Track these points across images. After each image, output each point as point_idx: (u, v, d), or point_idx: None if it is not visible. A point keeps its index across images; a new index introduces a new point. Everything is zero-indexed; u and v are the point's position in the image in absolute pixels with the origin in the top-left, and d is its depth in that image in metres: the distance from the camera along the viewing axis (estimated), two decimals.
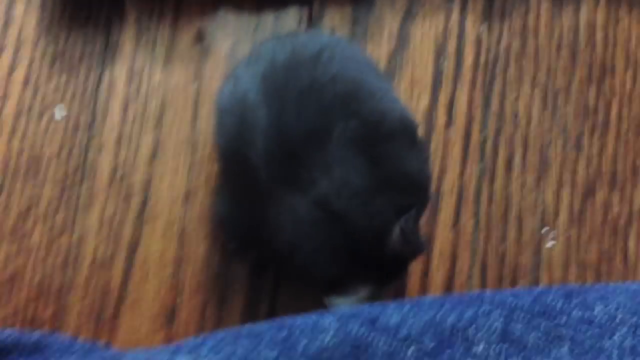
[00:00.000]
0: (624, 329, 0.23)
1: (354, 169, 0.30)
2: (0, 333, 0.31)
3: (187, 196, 0.38)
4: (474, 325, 0.24)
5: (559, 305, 0.24)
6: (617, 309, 0.24)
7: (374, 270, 0.30)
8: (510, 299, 0.25)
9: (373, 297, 0.31)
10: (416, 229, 0.31)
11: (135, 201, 0.37)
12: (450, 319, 0.24)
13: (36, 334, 0.32)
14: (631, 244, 0.40)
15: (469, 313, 0.24)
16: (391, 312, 0.25)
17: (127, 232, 0.37)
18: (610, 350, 0.23)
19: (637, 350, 0.23)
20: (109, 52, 0.39)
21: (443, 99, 0.41)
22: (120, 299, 0.36)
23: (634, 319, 0.24)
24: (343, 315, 0.25)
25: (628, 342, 0.23)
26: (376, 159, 0.30)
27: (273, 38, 0.34)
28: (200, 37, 0.40)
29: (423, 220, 0.38)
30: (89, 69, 0.38)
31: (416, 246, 0.30)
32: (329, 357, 0.23)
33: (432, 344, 0.24)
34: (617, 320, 0.24)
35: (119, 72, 0.39)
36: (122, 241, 0.37)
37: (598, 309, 0.24)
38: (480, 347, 0.24)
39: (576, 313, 0.24)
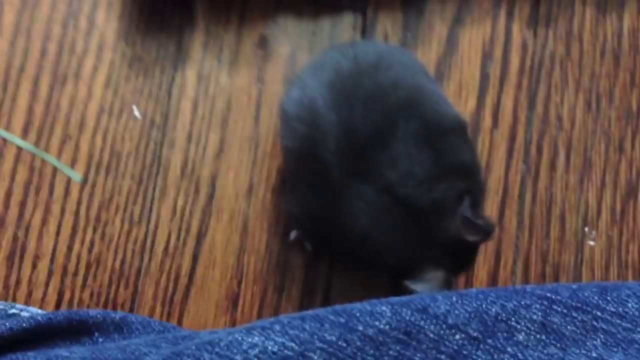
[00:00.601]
0: None
1: (417, 161, 0.31)
2: (88, 312, 0.34)
3: (250, 190, 0.38)
4: (515, 316, 0.24)
5: (595, 300, 0.25)
6: None
7: (444, 255, 0.31)
8: (549, 293, 0.25)
9: (447, 283, 0.31)
10: (479, 212, 0.32)
11: (203, 194, 0.38)
12: (494, 310, 0.24)
13: (118, 314, 0.32)
14: None
15: (511, 305, 0.25)
16: (440, 302, 0.25)
17: (195, 222, 0.38)
18: None
19: None
20: (180, 56, 0.40)
21: (489, 101, 0.40)
22: (189, 284, 0.37)
23: None
24: (396, 303, 0.25)
25: None
26: (435, 152, 0.32)
27: (335, 47, 0.35)
28: (262, 42, 0.40)
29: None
30: (163, 72, 0.39)
31: (482, 229, 0.30)
32: (384, 341, 0.24)
33: (476, 332, 0.24)
34: None
35: (189, 74, 0.39)
36: (191, 231, 0.37)
37: (630, 304, 0.25)
38: (521, 336, 0.24)
39: (610, 307, 0.25)
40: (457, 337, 0.24)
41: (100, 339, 0.32)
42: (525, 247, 0.39)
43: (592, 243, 0.39)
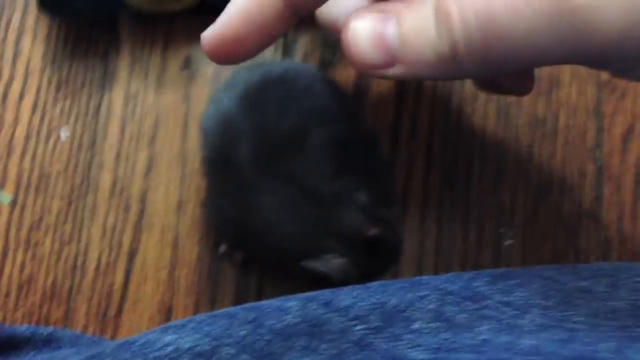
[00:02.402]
0: (536, 310, 0.26)
1: (324, 161, 0.32)
2: (17, 328, 0.34)
3: (180, 206, 0.39)
4: (412, 307, 0.26)
5: (484, 290, 0.26)
6: (532, 294, 0.27)
7: (344, 247, 0.32)
8: (444, 284, 0.27)
9: (343, 272, 0.32)
10: (378, 207, 0.33)
11: (134, 211, 0.38)
12: (392, 301, 0.26)
13: (49, 328, 0.32)
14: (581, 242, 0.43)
15: (408, 296, 0.26)
16: (343, 295, 0.26)
17: (127, 239, 0.38)
18: (524, 326, 0.25)
19: (545, 325, 0.25)
20: (107, 79, 0.40)
21: (406, 114, 0.42)
22: (122, 300, 0.37)
23: (545, 302, 0.26)
24: (303, 298, 0.26)
25: (538, 320, 0.25)
26: (343, 154, 0.34)
27: (245, 67, 0.37)
28: (187, 64, 0.41)
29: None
30: (90, 95, 0.39)
31: (377, 221, 0.31)
32: (292, 333, 0.25)
33: (377, 322, 0.26)
34: (531, 302, 0.26)
35: (116, 96, 0.40)
36: (122, 247, 0.38)
37: (516, 293, 0.26)
38: (417, 324, 0.26)
39: (497, 297, 0.26)
40: (360, 327, 0.26)
41: (31, 354, 0.32)
42: (445, 249, 0.40)
43: (508, 242, 0.41)
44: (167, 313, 0.38)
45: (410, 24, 0.25)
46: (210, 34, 0.27)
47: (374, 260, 0.34)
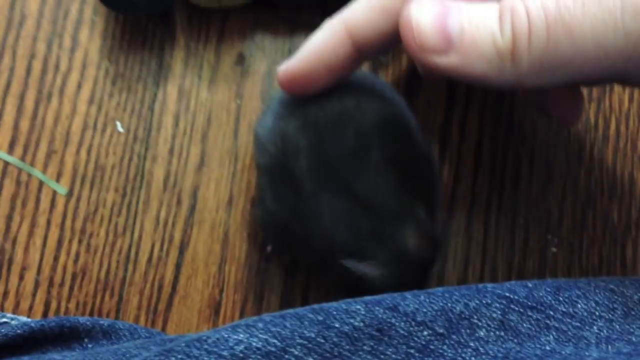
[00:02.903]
0: (601, 323, 0.26)
1: (385, 176, 0.33)
2: (79, 319, 0.34)
3: (230, 202, 0.39)
4: (477, 314, 0.26)
5: (548, 300, 0.26)
6: (595, 306, 0.26)
7: (390, 259, 0.32)
8: (508, 293, 0.26)
9: (382, 281, 0.32)
10: (440, 240, 0.33)
11: (185, 206, 0.39)
12: (458, 308, 0.26)
13: (107, 321, 0.33)
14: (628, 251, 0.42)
15: (473, 303, 0.26)
16: (409, 300, 0.26)
17: (178, 233, 0.38)
18: (589, 339, 0.25)
19: (611, 338, 0.25)
20: (162, 73, 0.40)
21: (457, 117, 0.42)
22: (172, 293, 0.37)
23: (608, 314, 0.26)
24: (369, 301, 0.26)
25: (604, 333, 0.25)
26: (402, 170, 0.34)
27: None
28: (240, 60, 0.41)
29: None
30: (145, 88, 0.40)
31: (428, 239, 0.31)
32: (358, 337, 0.25)
33: (442, 329, 0.25)
34: (595, 314, 0.26)
35: (171, 90, 0.40)
36: (174, 241, 0.38)
37: (580, 305, 0.26)
38: (482, 332, 0.25)
39: (562, 308, 0.26)
40: (425, 333, 0.26)
41: (90, 345, 0.32)
42: (492, 254, 0.40)
43: (554, 250, 0.40)
44: (215, 308, 0.38)
45: (473, 13, 0.26)
46: (286, 68, 0.30)
47: (410, 276, 0.34)
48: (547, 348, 0.25)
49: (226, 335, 0.25)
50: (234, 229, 0.39)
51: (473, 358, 0.25)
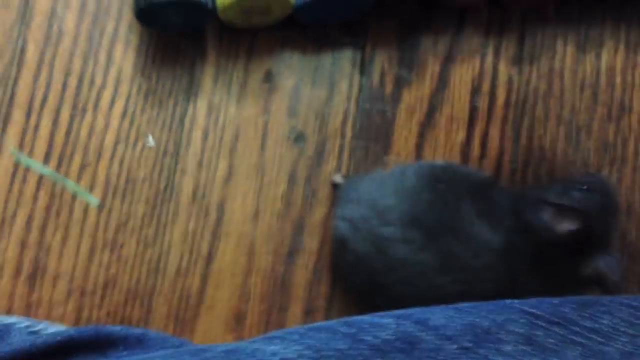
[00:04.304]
0: (624, 338, 0.26)
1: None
2: (113, 327, 0.34)
3: (256, 215, 0.39)
4: (503, 329, 0.26)
5: (573, 316, 0.26)
6: (619, 322, 0.26)
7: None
8: (533, 309, 0.27)
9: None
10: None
11: (213, 218, 0.39)
12: (485, 324, 0.26)
13: (139, 329, 0.33)
14: None
15: (499, 319, 0.26)
16: (438, 315, 0.26)
17: (205, 244, 0.38)
18: (612, 354, 0.25)
19: (634, 354, 0.25)
20: (192, 89, 0.40)
21: (478, 133, 0.41)
22: (199, 304, 0.37)
23: (631, 330, 0.26)
24: (399, 315, 0.27)
25: (627, 348, 0.25)
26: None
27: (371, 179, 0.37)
28: (268, 76, 0.41)
29: None
30: (176, 103, 0.40)
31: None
32: (388, 350, 0.25)
33: (469, 343, 0.26)
34: (620, 330, 0.26)
35: (201, 105, 0.40)
36: (201, 252, 0.38)
37: (604, 320, 0.26)
38: (509, 347, 0.25)
39: (586, 323, 0.26)
40: (453, 347, 0.26)
41: (124, 353, 0.32)
42: None
43: None
44: (240, 319, 0.38)
45: None
46: None
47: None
48: None
49: (262, 347, 0.25)
50: (260, 241, 0.39)
51: None
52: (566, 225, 0.33)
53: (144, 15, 0.38)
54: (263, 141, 0.40)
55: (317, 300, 0.38)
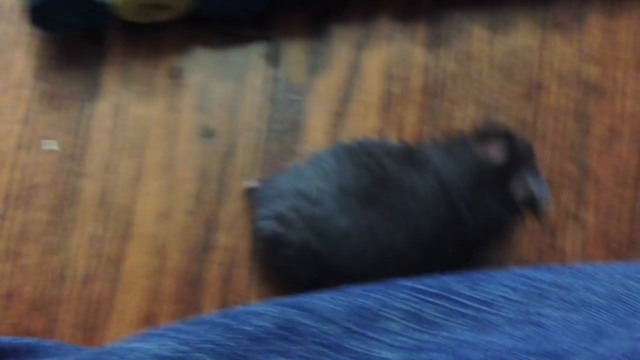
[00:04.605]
0: (511, 306, 0.25)
1: None
2: (2, 338, 0.32)
3: (167, 214, 0.37)
4: (388, 307, 0.25)
5: (461, 289, 0.26)
6: (507, 290, 0.26)
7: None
8: (419, 285, 0.26)
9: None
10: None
11: (121, 220, 0.37)
12: (368, 303, 0.25)
13: (30, 339, 0.31)
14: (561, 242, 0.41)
15: (383, 298, 0.26)
16: (323, 299, 0.26)
17: (113, 248, 0.37)
18: (498, 322, 0.25)
19: (517, 320, 0.25)
20: (96, 90, 0.39)
21: (393, 119, 0.40)
22: (108, 310, 0.36)
23: (520, 297, 0.25)
24: (279, 303, 0.26)
25: (513, 315, 0.25)
26: None
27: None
28: (175, 73, 0.40)
29: None
30: (80, 106, 0.38)
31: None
32: (266, 338, 0.25)
33: (352, 325, 0.25)
34: (508, 298, 0.26)
35: (105, 107, 0.39)
36: (109, 257, 0.37)
37: (493, 290, 0.26)
38: (394, 325, 0.25)
39: (474, 294, 0.26)
40: (338, 330, 0.25)
41: None
42: None
43: None
44: (152, 322, 0.36)
45: None
46: None
47: None
48: (456, 336, 0.24)
49: (136, 345, 0.24)
50: (172, 240, 0.38)
51: (386, 352, 0.24)
52: (494, 149, 0.34)
53: (37, 17, 0.37)
54: (172, 139, 0.39)
55: (232, 297, 0.37)
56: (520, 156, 0.35)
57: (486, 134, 0.35)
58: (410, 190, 0.33)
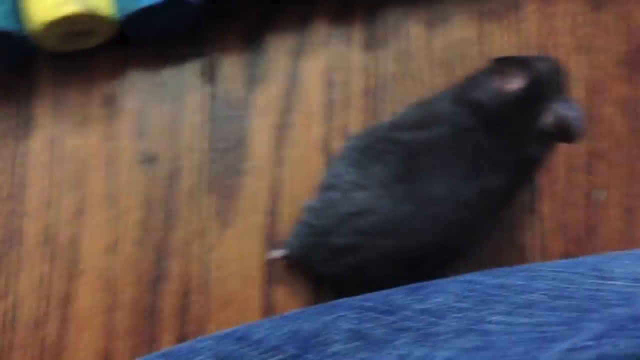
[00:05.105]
0: (456, 314, 0.25)
1: None
2: None
3: (114, 246, 0.36)
4: (329, 329, 0.25)
5: (404, 301, 0.25)
6: (450, 297, 0.25)
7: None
8: (362, 302, 0.26)
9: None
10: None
11: (66, 257, 0.36)
12: (307, 327, 0.25)
13: None
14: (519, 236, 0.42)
15: (323, 319, 0.25)
16: (259, 327, 0.25)
17: (61, 287, 0.36)
18: (444, 333, 0.24)
19: (462, 330, 0.24)
20: (29, 125, 0.37)
21: (338, 125, 0.40)
22: (59, 351, 0.35)
23: (464, 304, 0.25)
24: (217, 337, 0.25)
25: (459, 324, 0.24)
26: None
27: None
28: (110, 100, 0.38)
29: None
30: (11, 143, 0.37)
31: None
32: None
33: (293, 351, 0.24)
34: (451, 306, 0.25)
35: (40, 141, 0.37)
36: (58, 296, 0.35)
37: (436, 299, 0.25)
38: (337, 346, 0.24)
39: (416, 305, 0.25)
40: (279, 356, 0.24)
41: None
42: None
43: None
44: (110, 359, 0.35)
45: None
46: None
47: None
48: (398, 352, 0.23)
49: None
50: (121, 273, 0.37)
51: None
52: (516, 82, 0.32)
53: None
54: (112, 168, 0.38)
55: (189, 325, 0.36)
56: (544, 82, 0.33)
57: (502, 65, 0.33)
58: (432, 149, 0.33)
